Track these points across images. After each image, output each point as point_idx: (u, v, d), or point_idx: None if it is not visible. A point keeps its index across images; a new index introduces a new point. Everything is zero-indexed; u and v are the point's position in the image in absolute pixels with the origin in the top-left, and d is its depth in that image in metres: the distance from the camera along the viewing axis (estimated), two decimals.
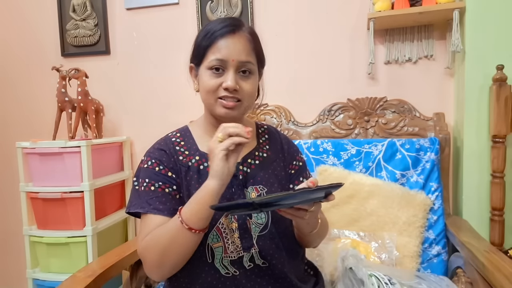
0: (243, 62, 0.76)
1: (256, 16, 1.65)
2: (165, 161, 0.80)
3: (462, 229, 1.21)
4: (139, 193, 0.78)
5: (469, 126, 1.31)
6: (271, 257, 0.78)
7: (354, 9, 1.54)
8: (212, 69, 0.76)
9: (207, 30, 0.78)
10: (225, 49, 0.75)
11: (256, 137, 0.90)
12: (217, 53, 0.75)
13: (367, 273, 0.91)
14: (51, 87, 1.68)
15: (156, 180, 0.77)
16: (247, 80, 0.77)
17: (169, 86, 1.77)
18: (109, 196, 1.67)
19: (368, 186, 1.27)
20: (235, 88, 0.75)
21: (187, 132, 0.87)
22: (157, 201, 0.75)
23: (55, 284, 1.40)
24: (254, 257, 0.78)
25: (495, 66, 1.22)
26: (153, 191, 0.77)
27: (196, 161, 0.81)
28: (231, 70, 0.75)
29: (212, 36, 0.76)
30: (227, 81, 0.75)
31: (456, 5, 1.29)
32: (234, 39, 0.76)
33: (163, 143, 0.84)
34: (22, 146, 1.53)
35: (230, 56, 0.75)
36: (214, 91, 0.76)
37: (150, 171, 0.79)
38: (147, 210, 0.75)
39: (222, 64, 0.75)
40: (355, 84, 1.56)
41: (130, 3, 1.77)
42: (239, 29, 0.77)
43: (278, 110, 1.60)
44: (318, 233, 0.84)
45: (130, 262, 1.10)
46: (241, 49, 0.76)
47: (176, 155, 0.81)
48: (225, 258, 0.77)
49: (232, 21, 0.78)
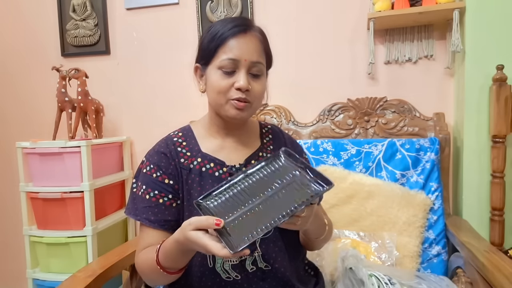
0: (254, 62, 0.74)
1: (256, 16, 1.65)
2: (164, 166, 0.78)
3: (462, 229, 1.21)
4: (136, 197, 0.79)
5: (469, 126, 1.31)
6: (274, 260, 0.78)
7: (354, 9, 1.54)
8: (223, 69, 0.74)
9: (217, 29, 0.76)
10: (237, 49, 0.73)
11: (260, 137, 0.88)
12: (229, 53, 0.73)
13: (367, 273, 0.91)
14: (51, 87, 1.68)
15: (152, 188, 0.77)
16: (257, 81, 0.76)
17: (169, 86, 1.77)
18: (109, 196, 1.67)
19: (368, 186, 1.27)
20: (248, 88, 0.73)
21: (189, 132, 0.85)
22: (149, 211, 0.76)
23: (55, 284, 1.40)
24: (256, 260, 0.77)
25: (495, 66, 1.22)
26: (147, 200, 0.76)
27: (198, 163, 0.80)
28: (243, 70, 0.74)
29: (223, 36, 0.74)
30: (240, 81, 0.73)
31: (456, 5, 1.29)
32: (246, 39, 0.74)
33: (164, 144, 0.82)
34: (22, 146, 1.52)
35: (243, 56, 0.73)
36: (225, 92, 0.74)
37: (148, 177, 0.78)
38: (140, 219, 0.77)
39: (234, 64, 0.73)
40: (355, 84, 1.56)
41: (130, 3, 1.77)
42: (250, 29, 0.76)
43: (278, 110, 1.60)
44: (326, 238, 0.84)
45: (130, 262, 1.10)
46: (253, 49, 0.75)
47: (178, 158, 0.79)
48: (226, 263, 0.76)
49: (243, 21, 0.77)
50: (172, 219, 0.77)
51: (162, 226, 0.76)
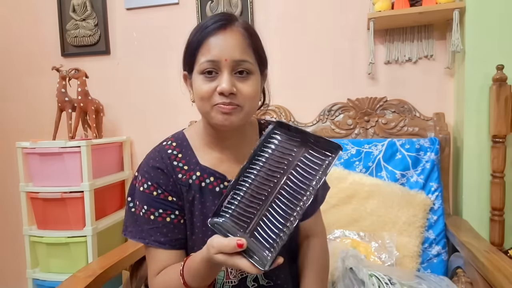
0: (237, 61, 0.66)
1: (256, 16, 1.65)
2: (163, 184, 0.72)
3: (462, 229, 1.21)
4: (137, 218, 0.73)
5: (469, 126, 1.31)
6: (276, 276, 0.76)
7: (354, 9, 1.54)
8: (204, 73, 0.66)
9: (195, 30, 0.70)
10: (216, 48, 0.65)
11: (259, 136, 0.86)
12: (207, 54, 0.66)
13: (368, 273, 0.91)
14: (51, 87, 1.68)
15: (156, 207, 0.71)
16: (245, 81, 0.67)
17: (169, 86, 1.77)
18: (109, 196, 1.67)
19: (368, 186, 1.27)
20: (231, 91, 0.64)
21: (184, 141, 0.77)
22: (158, 232, 0.71)
23: (55, 284, 1.40)
24: (258, 278, 0.76)
25: (495, 66, 1.22)
26: (153, 220, 0.71)
27: (197, 177, 0.73)
28: (225, 71, 0.65)
29: (201, 36, 0.67)
30: (222, 84, 0.64)
31: (456, 5, 1.29)
32: (225, 36, 0.66)
33: (158, 158, 0.74)
34: (22, 146, 1.53)
35: (222, 55, 0.65)
36: (208, 98, 0.66)
37: (147, 196, 0.71)
38: (148, 242, 0.71)
39: (214, 66, 0.65)
40: (355, 84, 1.56)
41: (130, 3, 1.77)
42: (231, 24, 0.67)
43: (278, 110, 1.60)
44: None
45: (130, 262, 1.10)
46: (234, 46, 0.66)
47: (175, 174, 0.73)
48: (226, 284, 0.74)
49: (222, 16, 0.68)
50: (183, 237, 0.73)
51: (174, 246, 0.72)
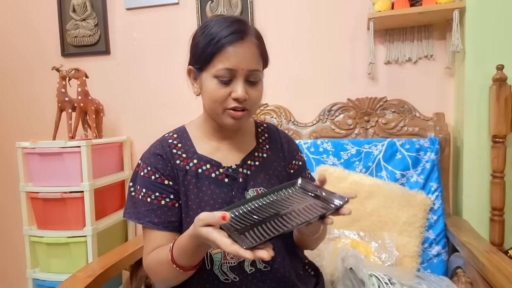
0: (252, 70, 0.73)
1: (256, 16, 1.65)
2: (161, 168, 0.78)
3: (462, 229, 1.21)
4: (135, 201, 0.78)
5: (469, 126, 1.31)
6: (273, 260, 0.77)
7: (354, 9, 1.54)
8: (219, 78, 0.72)
9: (212, 33, 0.73)
10: (234, 58, 0.71)
11: (255, 136, 0.88)
12: (225, 62, 0.71)
13: (368, 273, 0.91)
14: (51, 87, 1.68)
15: (152, 190, 0.77)
16: (255, 88, 0.75)
17: (169, 86, 1.77)
18: (109, 196, 1.67)
19: (368, 186, 1.27)
20: (245, 98, 0.73)
21: (184, 133, 0.84)
22: (152, 214, 0.76)
23: (55, 284, 1.40)
24: (255, 261, 0.77)
25: (495, 66, 1.22)
26: (149, 202, 0.76)
27: (194, 164, 0.79)
28: (240, 79, 0.72)
29: (220, 43, 0.71)
30: (237, 91, 0.72)
31: (456, 5, 1.29)
32: (243, 47, 0.72)
33: (159, 146, 0.81)
34: (22, 146, 1.53)
35: (240, 65, 0.71)
36: (222, 102, 0.73)
37: (146, 180, 0.78)
38: (143, 222, 0.76)
39: (231, 73, 0.72)
40: (355, 84, 1.56)
41: (130, 3, 1.77)
42: (247, 35, 0.73)
43: (278, 110, 1.60)
44: (320, 236, 0.84)
45: (130, 262, 1.10)
46: (250, 57, 0.73)
47: (173, 160, 0.79)
48: (224, 265, 0.76)
49: (240, 26, 0.73)
50: (176, 220, 0.77)
51: (166, 228, 0.76)
